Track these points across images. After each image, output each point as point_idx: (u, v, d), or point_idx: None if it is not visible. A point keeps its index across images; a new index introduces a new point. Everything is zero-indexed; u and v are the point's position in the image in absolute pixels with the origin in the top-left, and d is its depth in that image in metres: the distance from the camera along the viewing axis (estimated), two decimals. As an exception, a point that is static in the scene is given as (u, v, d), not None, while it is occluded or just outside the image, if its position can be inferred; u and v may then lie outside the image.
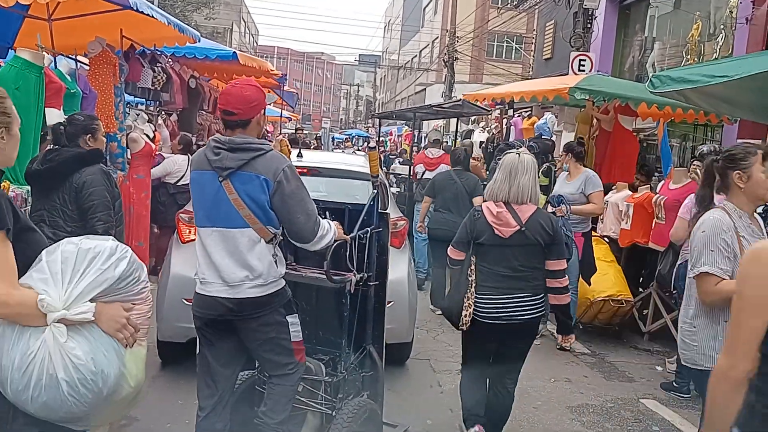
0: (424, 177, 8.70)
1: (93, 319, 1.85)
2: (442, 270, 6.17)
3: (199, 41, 7.78)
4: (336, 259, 3.13)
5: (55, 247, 1.90)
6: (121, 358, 1.91)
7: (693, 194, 5.02)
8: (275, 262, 2.79)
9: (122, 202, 6.57)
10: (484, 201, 3.70)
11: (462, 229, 3.67)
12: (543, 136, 9.67)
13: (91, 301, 1.86)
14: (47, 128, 4.94)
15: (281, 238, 2.83)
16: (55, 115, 5.44)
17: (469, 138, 14.96)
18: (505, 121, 12.07)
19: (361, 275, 3.23)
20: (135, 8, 5.59)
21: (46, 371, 1.78)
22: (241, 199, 2.69)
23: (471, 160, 5.56)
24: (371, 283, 3.34)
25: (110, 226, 3.75)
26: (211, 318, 2.83)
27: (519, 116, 12.42)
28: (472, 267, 3.53)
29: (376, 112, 28.08)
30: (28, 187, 4.59)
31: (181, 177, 7.27)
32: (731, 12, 9.83)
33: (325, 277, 3.09)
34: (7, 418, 1.83)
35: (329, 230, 2.88)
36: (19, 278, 1.81)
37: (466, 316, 3.47)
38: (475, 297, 3.48)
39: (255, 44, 55.47)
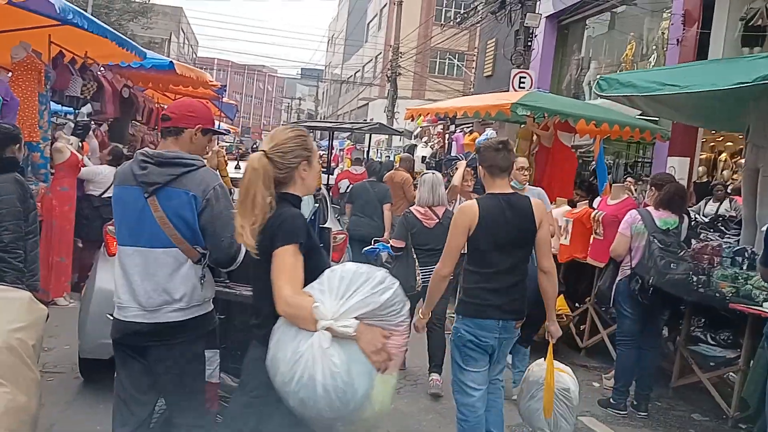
0: (348, 191, 9.42)
1: (354, 335, 2.06)
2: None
3: (145, 58, 7.63)
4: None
5: (338, 267, 2.19)
6: (371, 379, 2.08)
7: (632, 210, 5.13)
8: (202, 284, 2.60)
9: (42, 215, 6.27)
10: (413, 206, 5.28)
11: (400, 227, 5.18)
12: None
13: (356, 318, 2.06)
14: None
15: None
16: (-31, 123, 5.07)
17: (412, 153, 15.04)
18: (447, 136, 12.15)
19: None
20: (78, 24, 5.54)
21: (308, 371, 2.02)
22: (168, 217, 2.51)
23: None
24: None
25: (19, 237, 3.52)
26: (128, 344, 2.62)
27: (461, 132, 12.54)
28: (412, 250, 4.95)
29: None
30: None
31: (106, 189, 6.85)
32: (663, 33, 10.21)
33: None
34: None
35: (243, 254, 2.63)
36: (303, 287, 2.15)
37: (419, 279, 4.84)
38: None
39: (194, 56, 54.52)
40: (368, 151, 21.78)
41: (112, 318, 2.64)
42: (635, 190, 7.85)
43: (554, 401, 3.52)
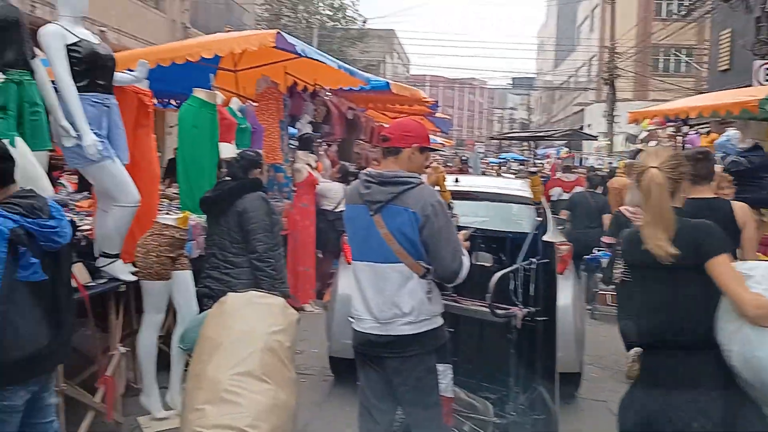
0: (561, 198, 9.81)
1: None
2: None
3: (369, 84, 8.24)
4: (498, 291, 2.93)
5: (755, 265, 2.33)
6: None
7: None
8: (429, 299, 2.67)
9: (288, 229, 6.98)
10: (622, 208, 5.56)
11: (612, 225, 5.65)
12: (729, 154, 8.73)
13: None
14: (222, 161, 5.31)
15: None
16: (227, 149, 5.82)
17: (637, 158, 14.04)
18: (679, 138, 11.12)
19: (527, 310, 3.00)
20: (314, 58, 6.29)
21: None
22: (392, 234, 2.63)
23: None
24: (539, 319, 3.10)
25: (270, 247, 3.89)
26: (366, 354, 2.78)
27: (695, 133, 11.39)
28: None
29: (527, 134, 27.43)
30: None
31: (338, 204, 7.45)
32: None
33: (488, 310, 2.89)
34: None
35: (467, 269, 2.71)
36: None
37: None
38: None
39: (407, 74, 56.84)
40: (587, 159, 20.81)
41: (352, 321, 2.82)
42: None
43: None
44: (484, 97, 78.58)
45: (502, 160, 25.85)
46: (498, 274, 3.05)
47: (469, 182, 5.68)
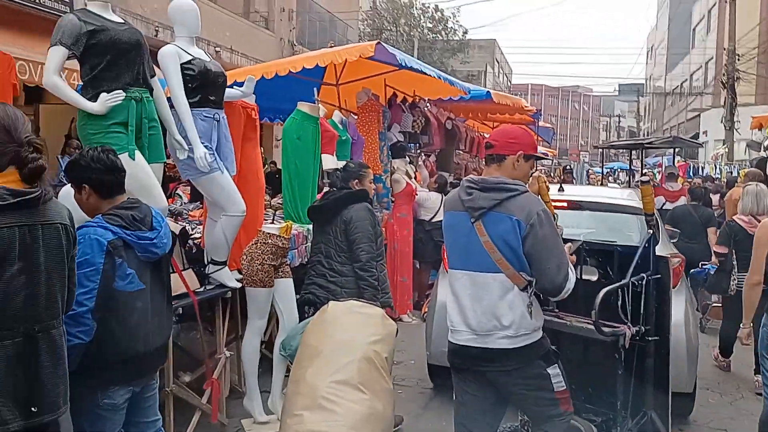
0: (663, 208, 9.10)
1: None
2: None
3: (469, 93, 8.23)
4: (605, 307, 2.78)
5: None
6: None
7: None
8: (530, 312, 2.57)
9: (386, 239, 7.03)
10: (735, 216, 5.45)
11: (724, 234, 5.44)
12: None
13: None
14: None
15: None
16: (329, 161, 5.96)
17: (764, 166, 13.05)
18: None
19: (636, 328, 2.83)
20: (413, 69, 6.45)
21: None
22: (493, 242, 2.54)
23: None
24: (650, 338, 2.91)
25: (373, 257, 3.97)
26: (464, 367, 2.71)
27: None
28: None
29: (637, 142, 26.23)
30: (308, 226, 5.05)
31: (435, 214, 7.43)
32: None
33: (593, 327, 2.75)
34: None
35: (573, 283, 2.58)
36: None
37: (733, 284, 5.24)
38: None
39: (509, 84, 56.05)
40: (703, 167, 19.56)
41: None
42: None
43: None
44: (589, 105, 76.07)
45: (608, 170, 24.82)
46: (605, 290, 2.91)
47: (574, 192, 5.47)
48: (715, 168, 19.65)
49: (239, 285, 4.03)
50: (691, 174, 21.41)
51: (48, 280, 1.96)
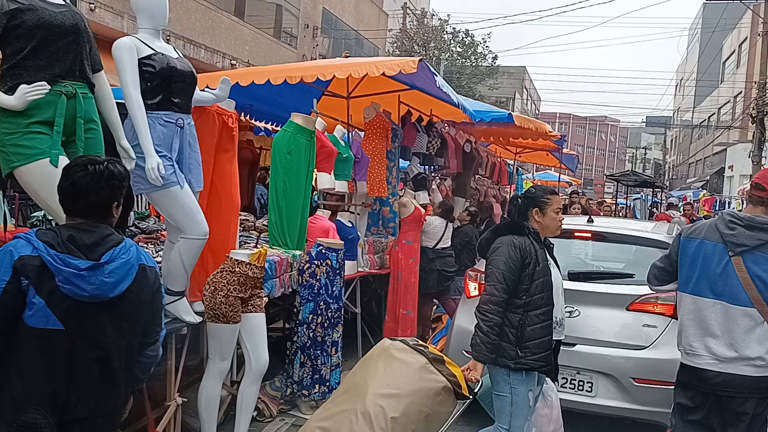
0: None
1: None
2: None
3: (475, 121, 7.71)
4: None
5: None
6: None
7: None
8: None
9: (390, 266, 6.41)
10: None
11: None
12: None
13: None
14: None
15: None
16: (325, 179, 5.39)
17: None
18: None
19: None
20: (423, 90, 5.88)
21: None
22: (751, 279, 2.69)
23: None
24: None
25: None
26: (697, 391, 2.81)
27: None
28: None
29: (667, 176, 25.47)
30: (295, 251, 4.48)
31: (438, 241, 6.76)
32: None
33: None
34: None
35: None
36: None
37: None
38: None
39: (537, 111, 55.49)
40: (730, 202, 18.79)
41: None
42: None
43: None
44: (616, 136, 75.24)
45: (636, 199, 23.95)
46: None
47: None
48: (742, 202, 19.00)
49: (198, 320, 3.43)
50: (717, 208, 20.66)
51: None
